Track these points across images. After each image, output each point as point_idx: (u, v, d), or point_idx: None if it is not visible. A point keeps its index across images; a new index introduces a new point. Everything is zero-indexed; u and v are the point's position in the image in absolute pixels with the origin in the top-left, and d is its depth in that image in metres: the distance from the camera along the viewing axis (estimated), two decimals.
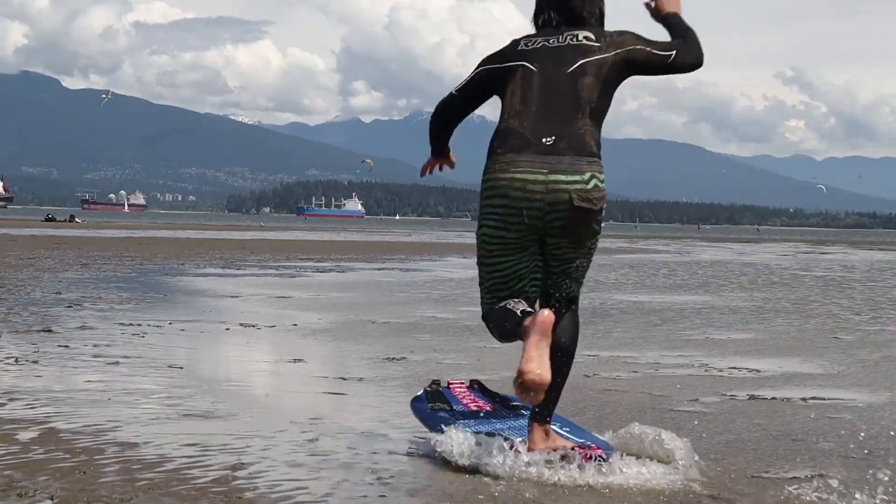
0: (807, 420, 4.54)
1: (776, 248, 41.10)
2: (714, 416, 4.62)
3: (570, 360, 3.71)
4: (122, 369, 5.59)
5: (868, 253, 35.84)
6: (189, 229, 49.92)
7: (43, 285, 11.50)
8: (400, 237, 46.09)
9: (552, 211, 3.51)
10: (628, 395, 5.22)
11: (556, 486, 3.32)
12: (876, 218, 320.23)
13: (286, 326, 8.16)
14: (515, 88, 3.67)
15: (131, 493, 3.11)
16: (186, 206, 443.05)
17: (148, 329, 7.56)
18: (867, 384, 5.67)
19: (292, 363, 6.18)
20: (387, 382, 5.51)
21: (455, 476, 3.42)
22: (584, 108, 3.61)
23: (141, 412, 4.39)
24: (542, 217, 3.52)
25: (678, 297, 12.09)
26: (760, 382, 5.64)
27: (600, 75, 3.65)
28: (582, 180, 3.51)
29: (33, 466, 3.41)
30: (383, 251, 27.19)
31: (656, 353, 6.88)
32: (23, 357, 5.87)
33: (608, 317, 9.48)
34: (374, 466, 3.54)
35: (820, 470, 3.54)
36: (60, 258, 17.74)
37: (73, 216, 62.20)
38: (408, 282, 14.11)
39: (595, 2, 3.81)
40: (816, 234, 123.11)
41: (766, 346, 7.45)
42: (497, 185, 3.54)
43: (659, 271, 18.78)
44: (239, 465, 3.47)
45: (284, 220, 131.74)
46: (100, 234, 36.63)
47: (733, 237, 73.67)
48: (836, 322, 9.31)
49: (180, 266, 17.02)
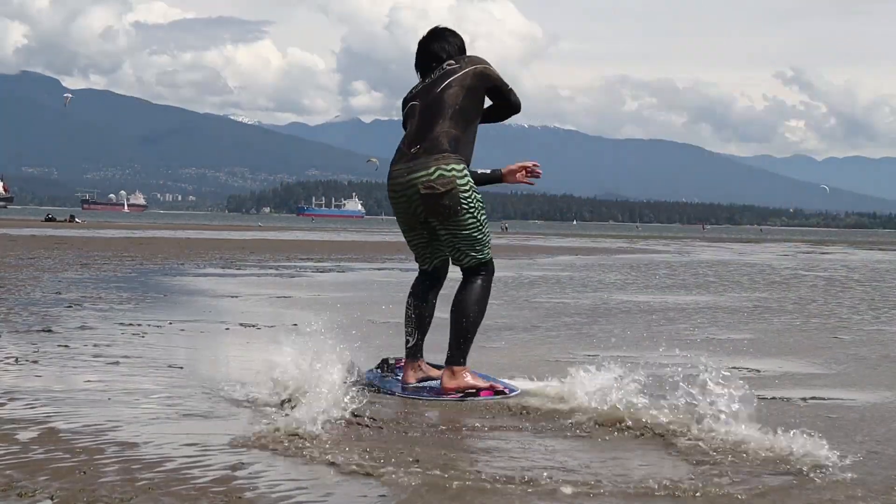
0: (807, 420, 4.53)
1: (776, 248, 41.09)
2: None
3: (464, 317, 5.07)
4: (122, 369, 5.59)
5: (868, 253, 35.83)
6: (189, 229, 49.92)
7: (43, 285, 11.50)
8: (400, 237, 46.02)
9: (413, 201, 4.85)
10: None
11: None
12: (876, 218, 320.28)
13: (286, 326, 8.15)
14: (410, 120, 4.99)
15: (131, 493, 3.11)
16: (186, 207, 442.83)
17: (148, 329, 7.56)
18: (867, 384, 5.66)
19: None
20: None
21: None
22: (447, 112, 4.81)
23: (141, 412, 4.38)
24: (410, 206, 4.89)
25: (678, 297, 12.09)
26: (760, 382, 5.63)
27: (464, 84, 4.86)
28: (427, 173, 4.75)
29: (33, 466, 3.40)
30: (383, 251, 27.19)
31: (656, 353, 6.88)
32: (23, 357, 5.87)
33: (608, 317, 9.48)
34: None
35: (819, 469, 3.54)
36: (60, 258, 17.73)
37: (72, 216, 62.21)
38: (408, 282, 14.08)
39: (451, 43, 5.08)
40: (816, 234, 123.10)
41: (766, 346, 7.44)
42: (388, 188, 4.96)
43: (659, 271, 18.77)
44: (239, 465, 3.47)
45: (285, 220, 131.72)
46: (100, 234, 36.63)
47: (735, 237, 73.66)
48: (837, 322, 9.31)
49: (180, 266, 17.02)
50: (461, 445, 3.91)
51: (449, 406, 4.72)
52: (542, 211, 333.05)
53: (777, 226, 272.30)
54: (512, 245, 38.27)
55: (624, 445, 3.90)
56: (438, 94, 4.84)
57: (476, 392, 4.82)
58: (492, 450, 3.80)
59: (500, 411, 4.60)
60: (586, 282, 15.11)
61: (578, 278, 16.01)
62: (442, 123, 4.79)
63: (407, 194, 4.84)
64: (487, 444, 3.91)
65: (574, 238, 56.29)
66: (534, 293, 12.45)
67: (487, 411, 4.59)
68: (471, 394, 4.81)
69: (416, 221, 4.98)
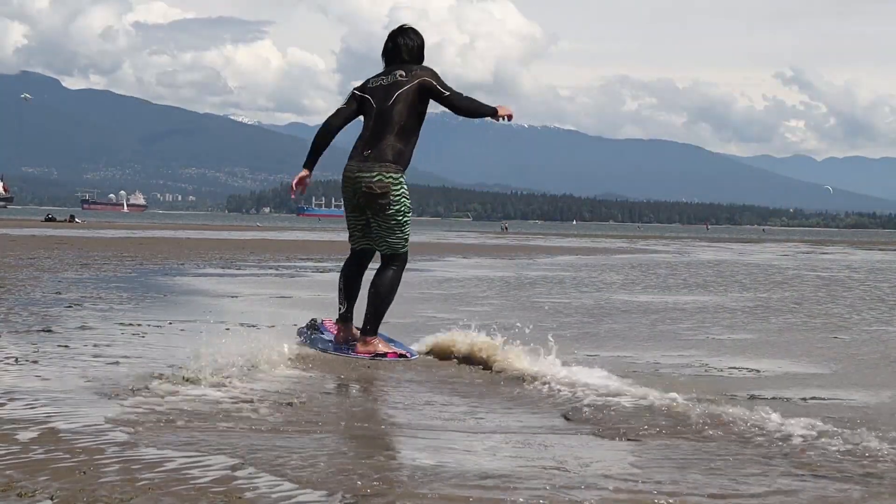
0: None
1: (776, 248, 41.09)
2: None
3: (378, 297, 6.27)
4: (122, 369, 5.59)
5: (868, 253, 35.83)
6: (189, 229, 49.92)
7: (43, 285, 11.49)
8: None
9: (357, 192, 6.19)
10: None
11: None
12: (876, 218, 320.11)
13: (286, 326, 8.14)
14: (366, 119, 6.26)
15: (131, 493, 3.11)
16: (186, 206, 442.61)
17: (148, 329, 7.55)
18: (867, 384, 5.66)
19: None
20: (387, 383, 5.50)
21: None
22: (394, 128, 6.13)
23: (141, 412, 4.38)
24: (354, 195, 6.23)
25: (679, 297, 12.09)
26: (760, 382, 5.63)
27: (408, 102, 6.13)
28: (370, 176, 6.11)
29: (33, 466, 3.40)
30: None
31: (656, 353, 6.88)
32: (23, 357, 5.86)
33: (609, 317, 9.48)
34: (374, 466, 3.54)
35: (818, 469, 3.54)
36: (60, 258, 17.73)
37: (72, 216, 62.18)
38: (407, 281, 14.09)
39: (413, 39, 6.33)
40: (816, 234, 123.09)
41: (766, 346, 7.44)
42: (342, 175, 6.24)
43: (660, 271, 18.77)
44: (239, 465, 3.47)
45: (286, 220, 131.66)
46: (100, 234, 36.63)
47: (736, 237, 73.66)
48: (837, 322, 9.30)
49: (180, 266, 17.01)
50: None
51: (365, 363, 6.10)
52: (542, 211, 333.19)
53: (777, 226, 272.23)
54: (512, 245, 38.26)
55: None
56: (389, 108, 6.14)
57: (384, 355, 6.17)
58: (397, 399, 4.76)
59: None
60: (587, 282, 15.11)
61: (579, 278, 16.01)
62: (389, 137, 6.14)
63: (353, 186, 6.21)
64: (395, 396, 5.21)
65: (574, 238, 56.29)
66: (535, 293, 12.45)
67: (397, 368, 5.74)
68: (380, 356, 6.16)
69: (356, 207, 6.29)
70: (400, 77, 6.16)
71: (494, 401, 4.96)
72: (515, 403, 4.88)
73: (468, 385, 5.45)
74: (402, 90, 6.11)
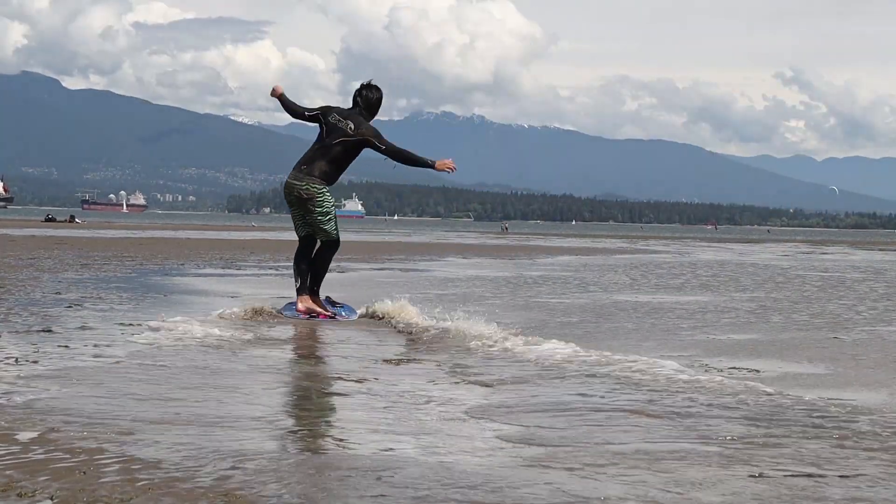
0: (806, 420, 4.53)
1: (776, 248, 41.09)
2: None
3: (313, 269, 8.85)
4: (121, 369, 5.58)
5: (868, 253, 35.84)
6: (189, 229, 49.92)
7: (43, 285, 11.49)
8: (400, 238, 46.09)
9: (292, 195, 8.71)
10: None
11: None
12: (876, 218, 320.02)
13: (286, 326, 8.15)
14: (314, 142, 8.78)
15: (131, 493, 3.11)
16: (186, 207, 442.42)
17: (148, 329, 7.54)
18: (867, 384, 5.66)
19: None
20: (386, 384, 5.51)
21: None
22: (328, 158, 8.63)
23: (141, 412, 4.38)
24: (290, 197, 8.71)
25: (679, 297, 12.09)
26: (760, 382, 5.63)
27: (346, 148, 8.63)
28: (301, 184, 8.66)
29: (33, 466, 3.40)
30: (384, 251, 27.19)
31: (657, 353, 6.88)
32: (23, 357, 5.86)
33: (609, 317, 9.48)
34: (373, 466, 3.54)
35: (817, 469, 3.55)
36: (60, 258, 17.73)
37: (73, 216, 62.19)
38: (408, 281, 14.11)
39: (366, 97, 8.81)
40: (817, 234, 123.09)
41: (766, 346, 7.44)
42: (284, 183, 8.72)
43: (660, 271, 18.77)
44: (239, 465, 3.47)
45: (285, 220, 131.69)
46: (100, 234, 36.63)
47: (739, 237, 73.67)
48: (837, 322, 9.31)
49: (180, 266, 17.02)
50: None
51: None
52: (542, 211, 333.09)
53: (777, 226, 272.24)
54: (512, 245, 38.27)
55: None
56: (331, 145, 8.62)
57: (317, 315, 8.62)
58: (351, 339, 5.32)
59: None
60: (587, 282, 15.11)
61: (579, 278, 16.01)
62: (322, 163, 8.66)
63: (289, 191, 8.75)
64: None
65: (574, 238, 56.30)
66: (536, 293, 12.45)
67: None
68: (313, 316, 8.59)
69: (294, 206, 8.78)
70: (349, 129, 8.58)
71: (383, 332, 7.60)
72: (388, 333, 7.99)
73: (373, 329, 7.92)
74: (346, 138, 8.57)
